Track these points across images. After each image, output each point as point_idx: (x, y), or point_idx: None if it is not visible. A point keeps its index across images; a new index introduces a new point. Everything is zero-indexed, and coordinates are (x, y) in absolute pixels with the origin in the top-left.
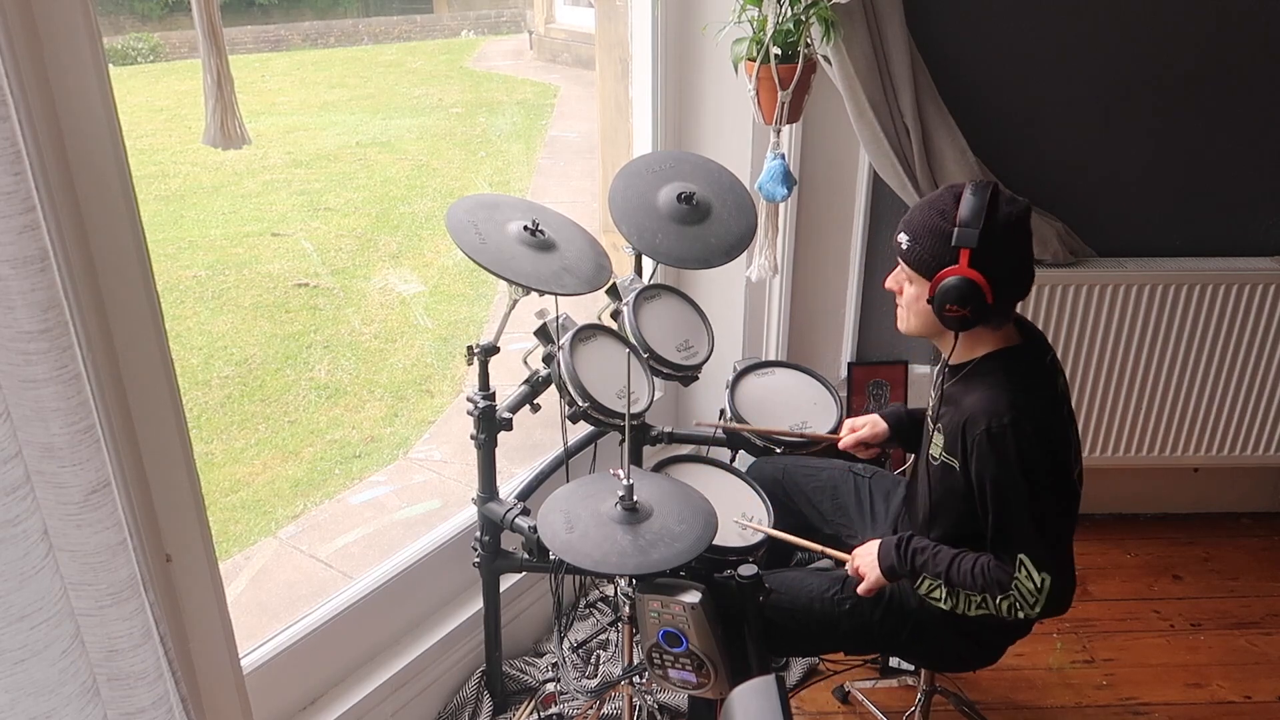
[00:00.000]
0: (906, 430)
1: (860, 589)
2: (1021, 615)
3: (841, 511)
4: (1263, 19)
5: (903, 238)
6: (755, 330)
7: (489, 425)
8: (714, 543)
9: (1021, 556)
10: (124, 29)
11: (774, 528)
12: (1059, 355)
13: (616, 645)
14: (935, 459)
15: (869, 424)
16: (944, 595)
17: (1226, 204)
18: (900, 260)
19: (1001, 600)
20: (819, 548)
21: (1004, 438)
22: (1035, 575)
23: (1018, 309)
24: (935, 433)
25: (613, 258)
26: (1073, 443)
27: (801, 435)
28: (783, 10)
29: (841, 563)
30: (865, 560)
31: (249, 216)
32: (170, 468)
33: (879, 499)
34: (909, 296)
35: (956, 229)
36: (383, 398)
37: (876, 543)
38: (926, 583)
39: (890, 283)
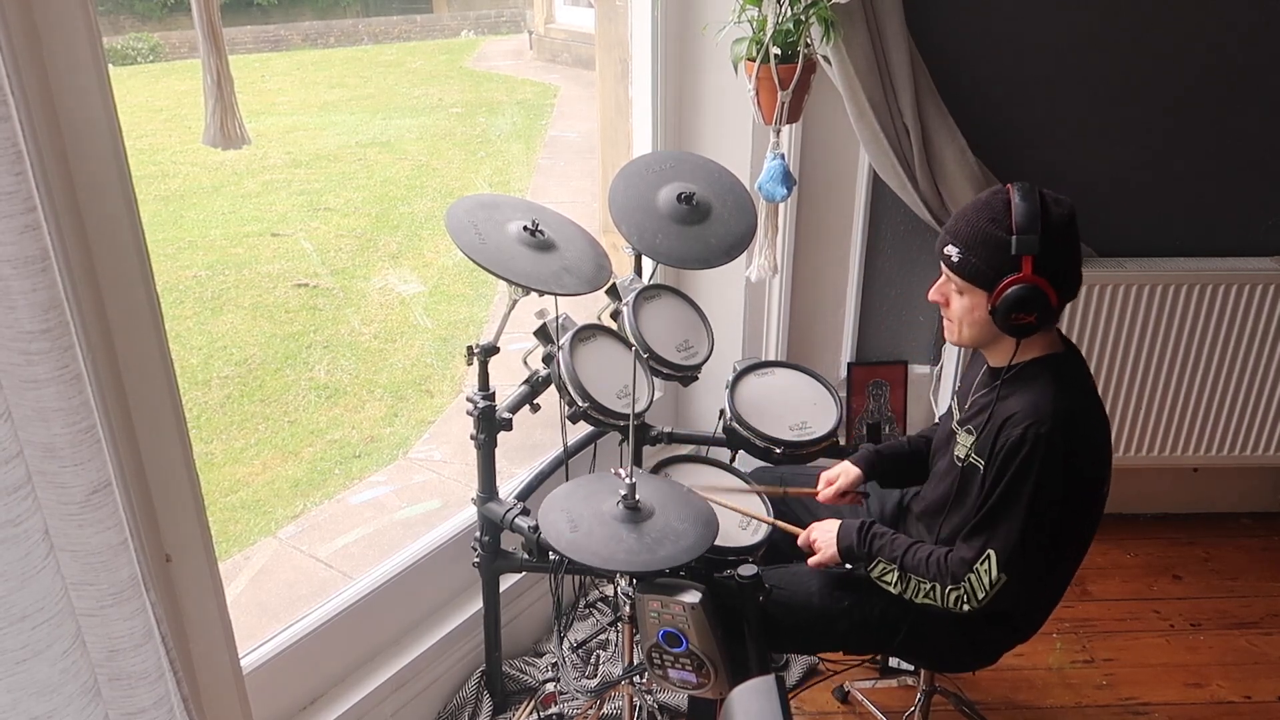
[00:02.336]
0: (880, 470)
1: (811, 561)
2: (965, 608)
3: (838, 518)
4: (1263, 19)
5: (951, 249)
6: (755, 330)
7: (489, 425)
8: (715, 543)
9: (990, 551)
10: (124, 29)
11: (773, 530)
12: None
13: (616, 645)
14: (962, 460)
15: (842, 473)
16: (895, 579)
17: (1226, 204)
18: (950, 272)
19: (950, 591)
20: (770, 520)
21: (1036, 446)
22: (994, 572)
23: None
24: (964, 434)
25: (613, 258)
26: (1107, 459)
27: (786, 493)
28: (782, 10)
29: (795, 535)
30: (823, 537)
31: (249, 216)
32: (170, 468)
33: (874, 502)
34: (960, 308)
35: (1015, 237)
36: (383, 398)
37: (836, 522)
38: (880, 565)
39: (935, 295)
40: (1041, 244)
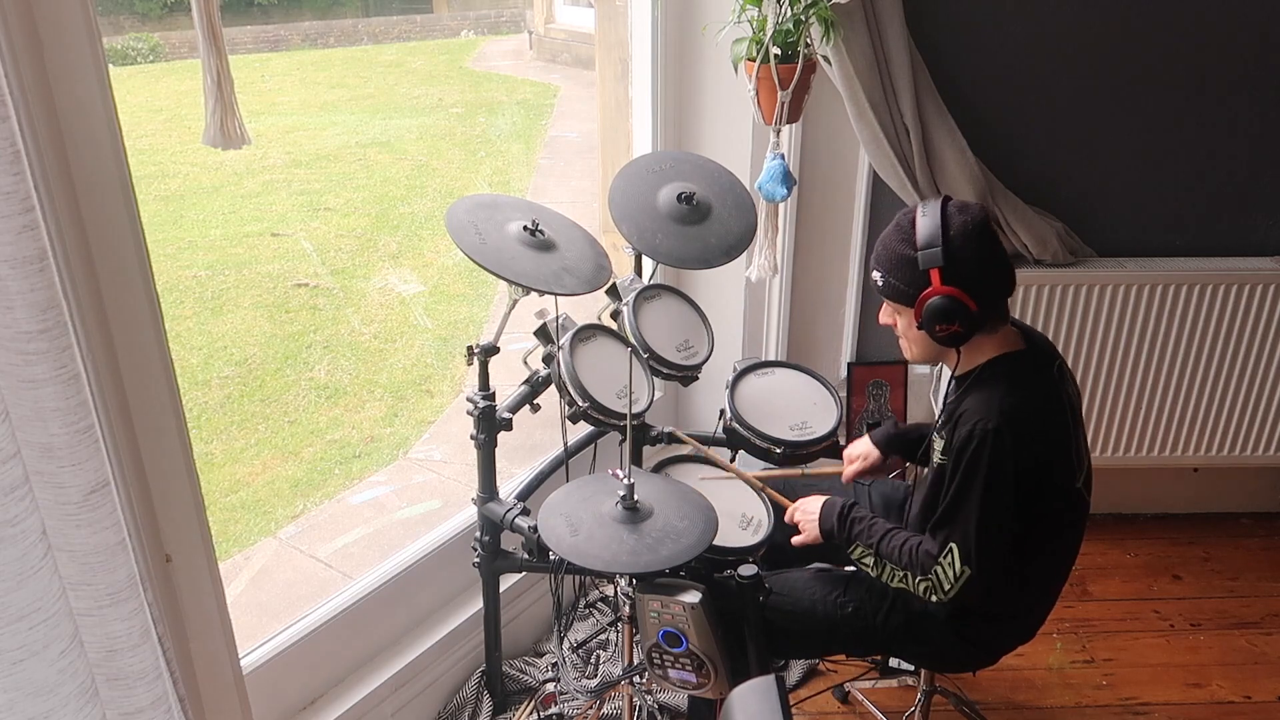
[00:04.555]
0: (898, 447)
1: (795, 540)
2: (934, 599)
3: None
4: (1263, 18)
5: (876, 275)
6: (755, 330)
7: (489, 425)
8: (715, 543)
9: (952, 545)
10: (124, 29)
11: (773, 530)
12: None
13: (616, 645)
14: (937, 464)
15: (864, 454)
16: (872, 563)
17: (1226, 204)
18: (882, 296)
19: (920, 581)
20: (759, 484)
21: (983, 442)
22: (957, 565)
23: (1024, 318)
24: (938, 439)
25: (613, 258)
26: (1072, 452)
27: (806, 474)
28: (782, 10)
29: (783, 508)
30: (807, 515)
31: (249, 216)
32: (170, 468)
33: (878, 504)
34: (903, 327)
35: (919, 253)
36: (383, 398)
37: (821, 499)
38: (859, 549)
39: (884, 318)
40: (944, 255)
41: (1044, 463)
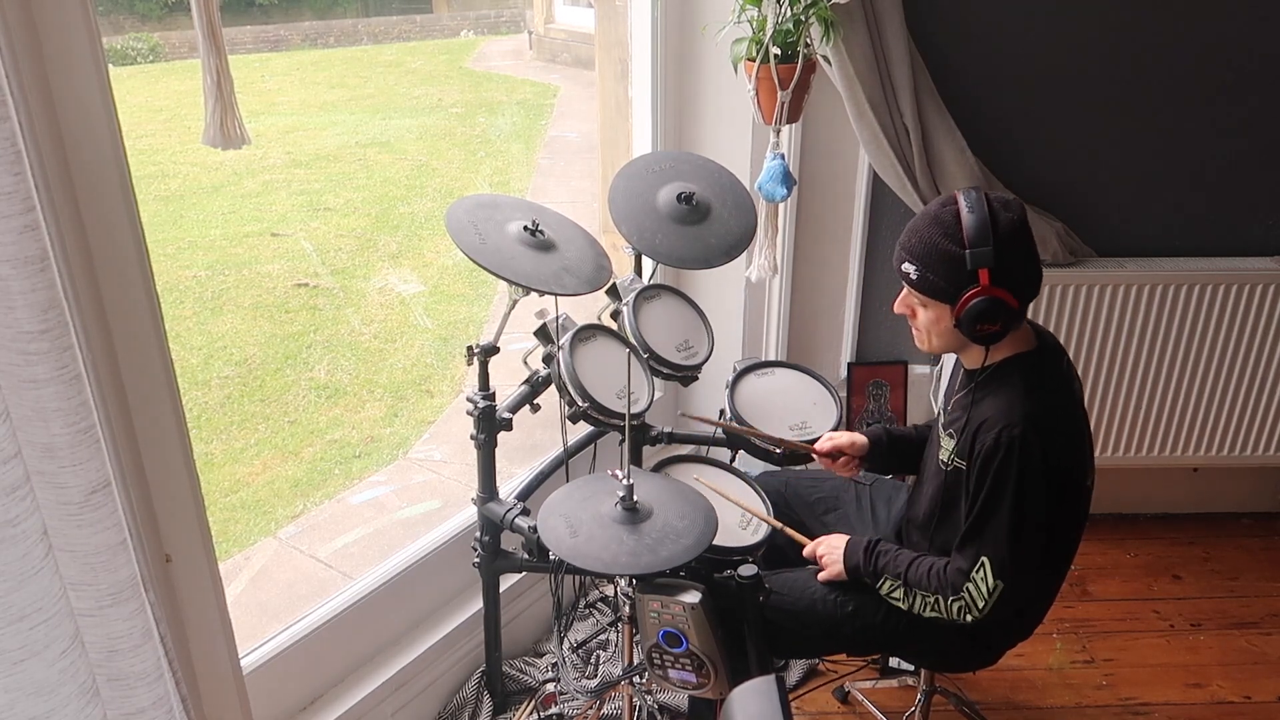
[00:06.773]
0: (885, 449)
1: (820, 576)
2: (969, 619)
3: (843, 521)
4: (1263, 19)
5: (909, 266)
6: (755, 330)
7: (489, 425)
8: (714, 543)
9: (984, 559)
10: (124, 29)
11: (772, 530)
12: None
13: (616, 645)
14: (946, 464)
15: (849, 435)
16: (902, 595)
17: (1226, 204)
18: (911, 289)
19: (953, 602)
20: (779, 524)
21: (1011, 449)
22: (990, 580)
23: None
24: (946, 438)
25: (613, 258)
26: (1087, 451)
27: (780, 441)
28: (782, 10)
29: (802, 544)
30: (830, 552)
31: (249, 216)
32: (170, 468)
33: (880, 506)
34: (926, 319)
35: (969, 251)
36: (383, 398)
37: (844, 538)
38: (887, 583)
39: (900, 307)
40: (995, 255)
41: (1068, 464)
